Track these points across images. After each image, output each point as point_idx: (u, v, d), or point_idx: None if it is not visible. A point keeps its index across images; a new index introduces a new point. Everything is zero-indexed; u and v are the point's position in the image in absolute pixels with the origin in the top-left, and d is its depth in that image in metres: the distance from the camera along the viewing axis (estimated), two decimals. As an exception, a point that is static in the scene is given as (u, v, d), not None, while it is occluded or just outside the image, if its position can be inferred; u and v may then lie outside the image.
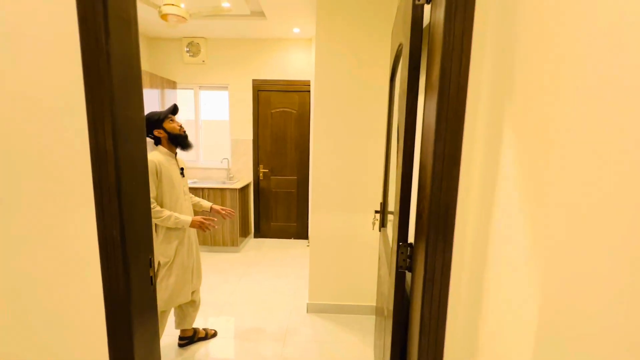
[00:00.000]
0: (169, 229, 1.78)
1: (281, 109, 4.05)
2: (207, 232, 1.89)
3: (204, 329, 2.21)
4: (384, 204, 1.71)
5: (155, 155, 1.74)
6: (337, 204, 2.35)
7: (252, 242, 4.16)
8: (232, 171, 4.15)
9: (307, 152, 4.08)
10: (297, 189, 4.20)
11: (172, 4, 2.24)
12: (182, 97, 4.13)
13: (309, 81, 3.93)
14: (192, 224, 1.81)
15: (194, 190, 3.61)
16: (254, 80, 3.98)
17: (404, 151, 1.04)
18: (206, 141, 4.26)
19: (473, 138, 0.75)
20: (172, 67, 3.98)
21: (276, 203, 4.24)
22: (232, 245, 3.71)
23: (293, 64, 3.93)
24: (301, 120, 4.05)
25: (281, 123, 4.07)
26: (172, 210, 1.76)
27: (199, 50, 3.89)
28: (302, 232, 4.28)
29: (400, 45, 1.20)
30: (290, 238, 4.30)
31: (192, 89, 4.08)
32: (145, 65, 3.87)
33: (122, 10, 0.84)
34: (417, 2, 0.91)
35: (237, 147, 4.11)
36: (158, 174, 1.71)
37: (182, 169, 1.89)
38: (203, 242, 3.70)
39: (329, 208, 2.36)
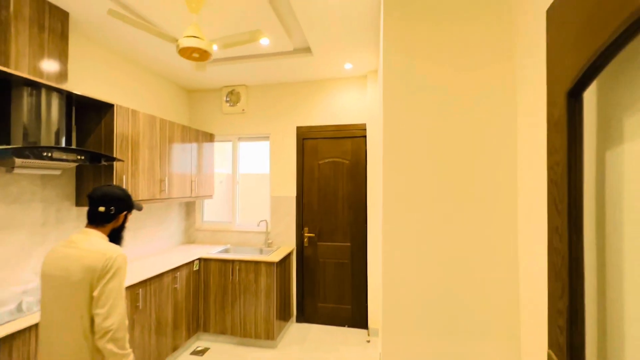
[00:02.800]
0: None
1: (330, 159, 3.32)
2: None
3: None
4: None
5: None
6: (425, 315, 1.35)
7: (293, 330, 3.18)
8: (271, 235, 3.40)
9: (364, 211, 3.20)
10: (351, 260, 3.24)
11: (192, 36, 1.73)
12: (219, 150, 3.68)
13: (364, 125, 3.20)
14: None
15: (222, 263, 2.88)
16: (298, 128, 3.38)
17: None
18: (243, 200, 3.65)
19: None
20: (211, 119, 3.60)
21: (324, 277, 3.30)
22: (268, 337, 2.78)
23: (344, 107, 3.29)
24: (355, 171, 3.25)
25: (330, 176, 3.32)
26: None
27: (239, 99, 3.48)
28: (358, 318, 3.20)
29: None
30: (343, 325, 3.24)
31: (230, 140, 3.61)
32: (183, 119, 3.55)
33: None
34: None
35: (278, 206, 3.41)
36: None
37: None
38: (231, 331, 2.85)
39: (410, 322, 1.37)
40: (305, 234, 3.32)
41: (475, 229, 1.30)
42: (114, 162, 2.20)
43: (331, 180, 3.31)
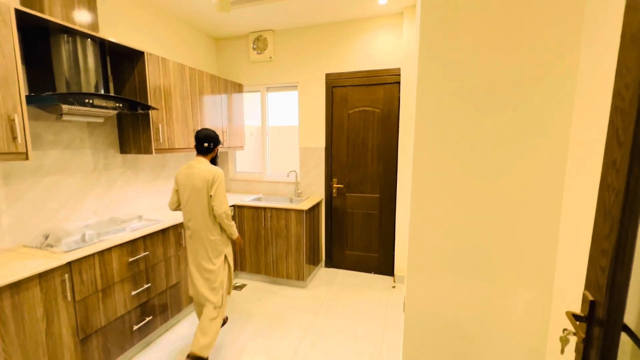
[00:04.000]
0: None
1: (360, 108, 3.19)
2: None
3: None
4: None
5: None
6: (452, 262, 1.35)
7: (322, 273, 3.39)
8: (300, 186, 3.47)
9: (394, 162, 3.11)
10: (380, 211, 3.26)
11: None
12: (248, 102, 3.66)
13: (397, 70, 2.97)
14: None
15: (255, 210, 3.03)
16: (327, 75, 3.23)
17: None
18: (273, 151, 3.70)
19: None
20: (239, 68, 3.54)
21: (352, 227, 3.38)
22: (298, 278, 3.00)
23: (376, 50, 3.04)
24: (387, 121, 3.11)
25: (360, 126, 3.21)
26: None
27: (266, 46, 3.35)
28: (385, 267, 3.31)
29: None
30: (369, 272, 3.38)
31: (258, 91, 3.57)
32: (211, 69, 3.52)
33: None
34: None
35: (307, 157, 3.42)
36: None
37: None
38: (265, 271, 3.09)
39: (436, 267, 1.37)
40: (334, 185, 3.35)
41: (518, 169, 1.21)
42: (150, 111, 2.28)
43: (361, 131, 3.21)
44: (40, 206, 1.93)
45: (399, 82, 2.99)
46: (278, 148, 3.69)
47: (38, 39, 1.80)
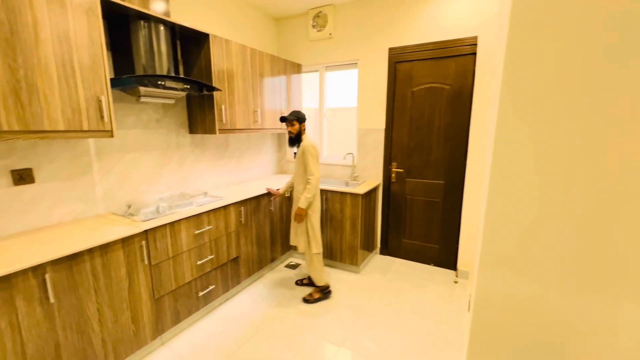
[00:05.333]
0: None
1: (427, 85, 2.89)
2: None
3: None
4: None
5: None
6: (539, 265, 1.11)
7: (377, 260, 3.28)
8: (357, 169, 3.35)
9: (463, 145, 2.78)
10: (444, 199, 2.98)
11: None
12: (306, 83, 3.61)
13: (474, 39, 2.59)
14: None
15: (310, 192, 3.02)
16: (390, 50, 2.98)
17: None
18: (329, 133, 3.62)
19: None
20: (298, 48, 3.49)
21: (411, 215, 3.17)
22: (352, 263, 2.95)
23: (447, 17, 2.68)
24: (457, 98, 2.77)
25: (425, 105, 2.92)
26: None
27: (326, 22, 3.22)
28: (446, 259, 3.05)
29: None
30: (428, 263, 3.16)
31: (317, 70, 3.48)
32: (272, 50, 3.54)
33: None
34: None
35: (365, 140, 3.26)
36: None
37: (295, 153, 2.53)
38: (319, 253, 3.10)
39: (517, 268, 1.15)
40: (393, 169, 3.15)
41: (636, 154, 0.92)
42: (214, 92, 2.37)
43: (426, 110, 2.92)
44: (125, 179, 2.18)
45: (474, 54, 2.61)
46: (335, 130, 3.60)
47: (121, 27, 1.96)
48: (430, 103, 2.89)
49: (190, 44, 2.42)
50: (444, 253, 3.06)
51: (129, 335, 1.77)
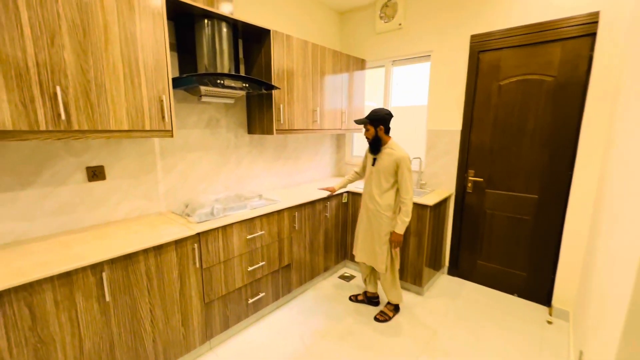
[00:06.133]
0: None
1: (519, 77, 2.37)
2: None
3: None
4: None
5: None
6: None
7: (444, 281, 2.85)
8: (424, 175, 2.96)
9: (569, 152, 2.20)
10: (536, 217, 2.42)
11: None
12: (370, 80, 3.34)
13: (592, 15, 2.01)
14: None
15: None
16: (472, 37, 2.53)
17: None
18: (394, 134, 3.27)
19: None
20: (362, 42, 3.23)
21: (490, 232, 2.66)
22: (414, 282, 2.59)
23: (555, -8, 2.14)
24: (562, 92, 2.20)
25: (516, 101, 2.40)
26: None
27: (395, 11, 2.90)
28: (535, 291, 2.48)
29: None
30: (511, 293, 2.62)
31: (382, 65, 3.18)
32: (335, 46, 3.35)
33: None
34: None
35: (436, 142, 2.86)
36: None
37: (374, 159, 2.17)
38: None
39: None
40: (470, 178, 2.69)
41: None
42: (273, 91, 2.27)
43: (516, 107, 2.40)
44: (185, 178, 2.21)
45: (592, 34, 2.03)
46: (400, 131, 3.25)
47: (187, 27, 1.97)
48: (522, 99, 2.37)
49: (251, 42, 2.36)
50: (532, 283, 2.49)
51: (179, 338, 1.75)
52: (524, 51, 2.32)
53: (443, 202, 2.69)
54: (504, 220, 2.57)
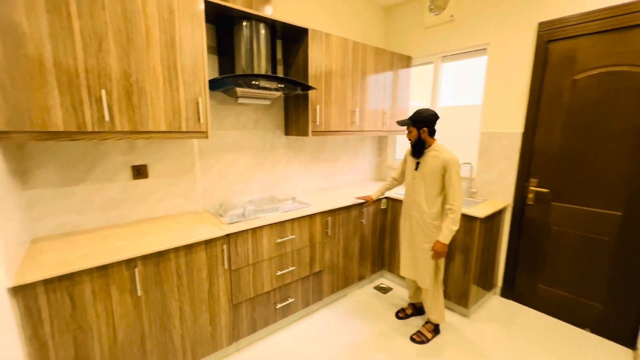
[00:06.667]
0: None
1: (602, 70, 1.97)
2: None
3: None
4: None
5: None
6: None
7: (495, 303, 2.51)
8: (475, 183, 2.65)
9: (669, 161, 1.76)
10: (619, 238, 1.99)
11: None
12: (415, 81, 3.10)
13: None
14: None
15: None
16: (540, 25, 2.18)
17: None
18: (441, 137, 3.00)
19: None
20: (408, 38, 3.02)
21: (557, 253, 2.27)
22: (459, 302, 2.32)
23: (656, -38, 1.73)
24: (661, 88, 1.77)
25: (597, 99, 2.01)
26: None
27: (447, 2, 2.64)
28: (614, 328, 2.05)
29: None
30: (581, 327, 2.20)
31: (430, 62, 2.93)
32: (380, 43, 3.18)
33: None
34: None
35: (490, 146, 2.53)
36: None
37: (417, 163, 1.99)
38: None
39: None
40: (532, 188, 2.32)
41: None
42: (309, 92, 2.21)
43: (597, 106, 2.01)
44: (222, 178, 2.25)
45: None
46: (448, 133, 2.96)
47: (226, 30, 2.00)
48: (605, 96, 1.97)
49: (290, 42, 2.32)
50: (611, 318, 2.06)
51: (206, 337, 1.77)
52: (607, 38, 1.93)
53: (497, 215, 2.37)
54: (575, 239, 2.17)
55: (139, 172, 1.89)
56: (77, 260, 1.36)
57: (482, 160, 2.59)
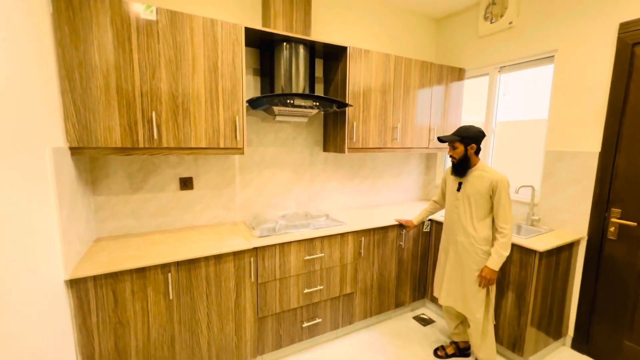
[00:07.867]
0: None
1: None
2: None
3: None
4: None
5: None
6: None
7: (564, 356, 2.08)
8: (539, 209, 2.29)
9: None
10: None
11: None
12: (468, 92, 2.86)
13: None
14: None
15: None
16: (622, 27, 1.83)
17: None
18: (500, 155, 2.69)
19: None
20: (461, 49, 2.81)
21: (651, 304, 1.80)
22: (514, 349, 1.97)
23: None
24: None
25: None
26: None
27: (504, 9, 2.41)
28: None
29: None
30: (688, 405, 1.68)
31: (486, 73, 2.67)
32: (429, 55, 3.04)
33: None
34: None
35: (558, 167, 2.17)
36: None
37: (460, 183, 1.85)
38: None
39: None
40: (614, 220, 1.91)
41: None
42: (346, 108, 2.19)
43: None
44: (260, 192, 2.34)
45: None
46: (506, 151, 2.64)
47: (269, 52, 2.12)
48: None
49: (330, 60, 2.36)
50: None
51: (231, 347, 1.82)
52: None
53: (565, 248, 1.99)
54: (678, 289, 1.69)
55: (185, 183, 2.08)
56: (124, 260, 1.53)
57: (547, 183, 2.23)
